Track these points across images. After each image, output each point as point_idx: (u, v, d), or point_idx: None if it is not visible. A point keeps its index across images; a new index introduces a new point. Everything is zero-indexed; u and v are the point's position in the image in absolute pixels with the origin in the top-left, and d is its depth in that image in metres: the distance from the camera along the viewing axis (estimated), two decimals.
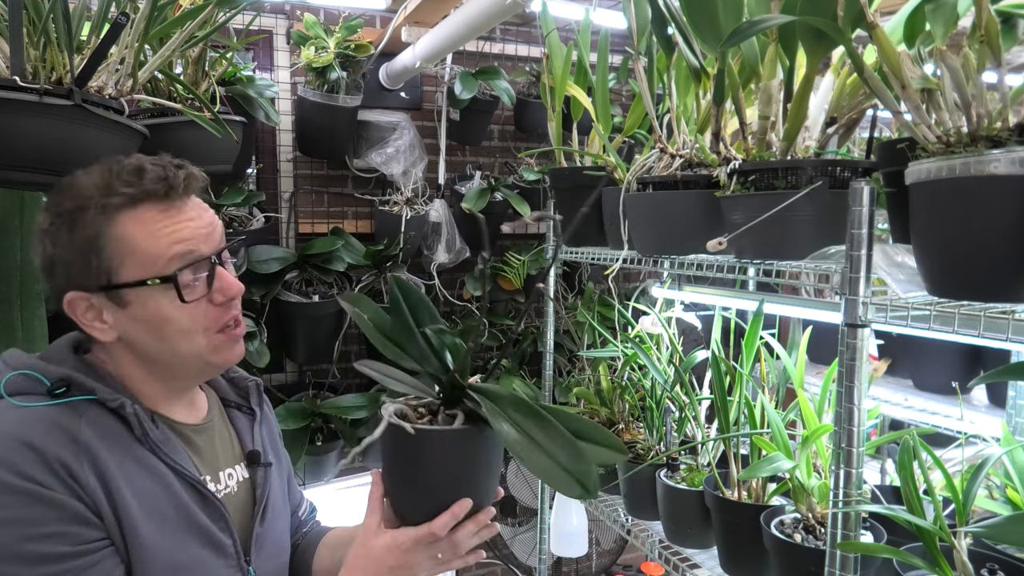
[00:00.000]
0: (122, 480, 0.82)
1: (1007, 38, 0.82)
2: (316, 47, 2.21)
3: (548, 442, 0.72)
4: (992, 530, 0.83)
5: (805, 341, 1.33)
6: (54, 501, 0.78)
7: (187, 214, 0.88)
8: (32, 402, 0.83)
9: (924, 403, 1.58)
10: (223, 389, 1.08)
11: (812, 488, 1.16)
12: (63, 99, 0.98)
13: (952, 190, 0.78)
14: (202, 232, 0.88)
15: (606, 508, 1.65)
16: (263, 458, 1.02)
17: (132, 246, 0.84)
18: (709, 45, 1.12)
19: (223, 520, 0.91)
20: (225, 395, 1.08)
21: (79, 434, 0.81)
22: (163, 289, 0.85)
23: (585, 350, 1.91)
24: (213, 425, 1.00)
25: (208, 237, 0.89)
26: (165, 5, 1.18)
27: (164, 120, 1.61)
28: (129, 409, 0.86)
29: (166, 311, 0.86)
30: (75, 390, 0.85)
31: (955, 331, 0.83)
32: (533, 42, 2.75)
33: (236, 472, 1.00)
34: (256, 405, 1.08)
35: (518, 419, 0.75)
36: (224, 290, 0.89)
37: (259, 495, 1.00)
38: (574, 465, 0.70)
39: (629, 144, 1.91)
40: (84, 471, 0.80)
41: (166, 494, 0.86)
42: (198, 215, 0.89)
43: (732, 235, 1.09)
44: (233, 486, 0.98)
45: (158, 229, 0.85)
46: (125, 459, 0.84)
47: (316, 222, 2.53)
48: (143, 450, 0.86)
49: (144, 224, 0.84)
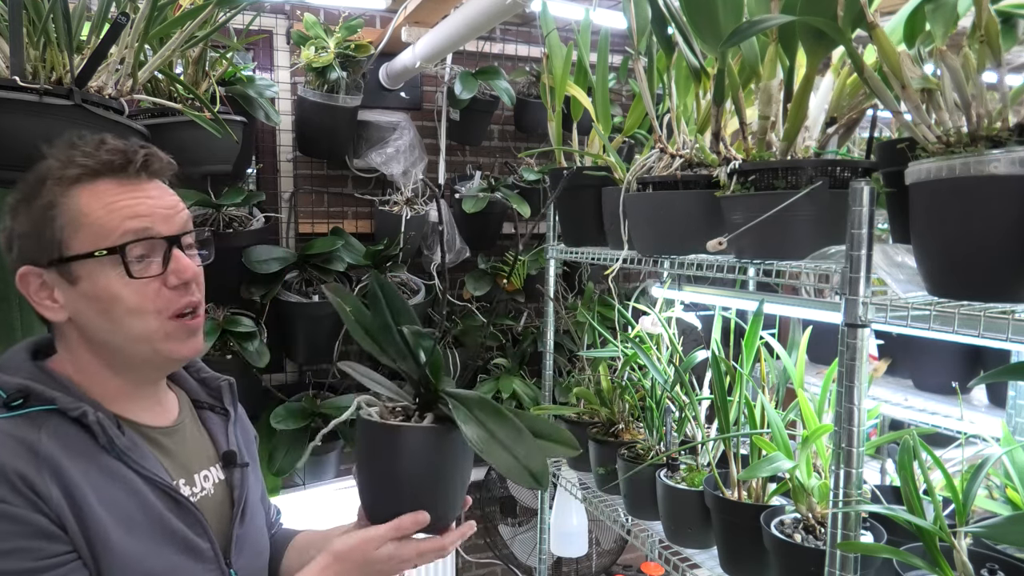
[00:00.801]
0: (88, 490, 0.79)
1: (1007, 38, 0.82)
2: (316, 47, 2.21)
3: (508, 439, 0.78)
4: (992, 530, 0.83)
5: (805, 341, 1.33)
6: (15, 516, 0.75)
7: (147, 192, 0.86)
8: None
9: (924, 403, 1.58)
10: (194, 390, 1.05)
11: (812, 488, 1.16)
12: (63, 99, 0.98)
13: (952, 190, 0.78)
14: (160, 211, 0.86)
15: (606, 508, 1.65)
16: (239, 458, 1.00)
17: (85, 219, 0.82)
18: (709, 45, 1.12)
19: (199, 524, 0.89)
20: (196, 396, 1.04)
21: (39, 446, 0.78)
22: (112, 263, 0.82)
23: (585, 350, 1.91)
24: (184, 427, 0.97)
25: (168, 219, 0.86)
26: (165, 5, 1.18)
27: (164, 120, 1.62)
28: (92, 417, 0.82)
29: (115, 287, 0.83)
30: (33, 400, 0.82)
31: (955, 331, 0.83)
32: (533, 42, 2.75)
33: (212, 474, 0.97)
34: (230, 405, 1.05)
35: (482, 418, 0.79)
36: (179, 272, 0.86)
37: (237, 496, 0.97)
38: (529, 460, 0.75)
39: (629, 144, 1.90)
40: (46, 484, 0.77)
41: (136, 502, 0.83)
42: (159, 195, 0.87)
43: (732, 235, 1.09)
44: (209, 488, 0.95)
45: (113, 202, 0.83)
46: (90, 469, 0.81)
47: (316, 222, 2.53)
48: (109, 458, 0.83)
49: (99, 197, 0.83)
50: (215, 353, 2.13)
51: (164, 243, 0.85)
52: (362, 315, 0.88)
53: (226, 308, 2.20)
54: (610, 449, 1.62)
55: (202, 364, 1.09)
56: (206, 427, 1.02)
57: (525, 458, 0.76)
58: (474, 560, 2.87)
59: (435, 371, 0.84)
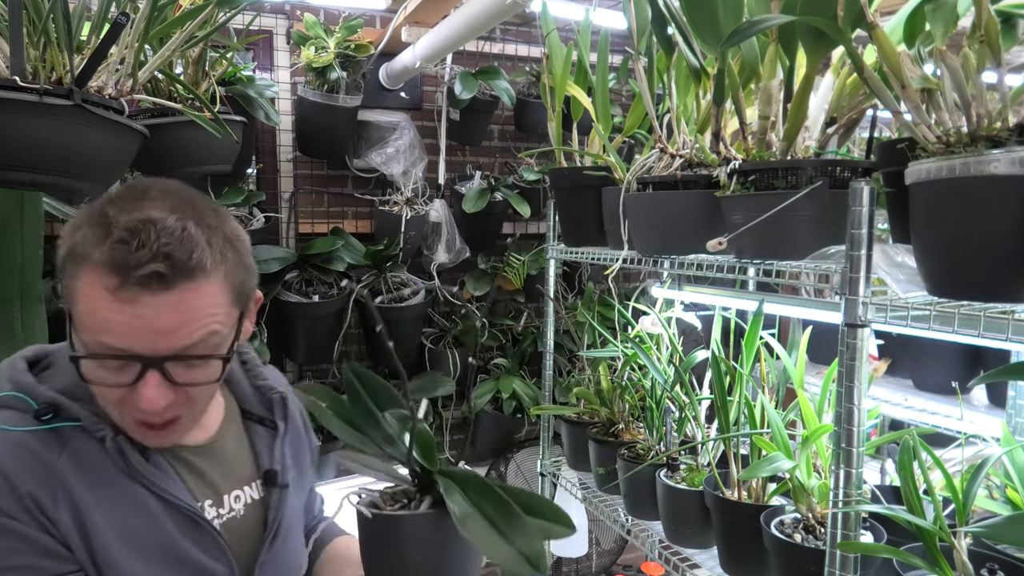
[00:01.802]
0: (98, 514, 0.78)
1: (1007, 38, 0.82)
2: (316, 47, 2.21)
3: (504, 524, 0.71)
4: (992, 530, 0.83)
5: (805, 341, 1.33)
6: (23, 535, 0.75)
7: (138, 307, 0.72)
8: (17, 425, 0.79)
9: (924, 403, 1.58)
10: (246, 397, 0.99)
11: (812, 488, 1.16)
12: (63, 99, 0.98)
13: (952, 190, 0.78)
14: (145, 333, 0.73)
15: (606, 508, 1.65)
16: (280, 478, 0.94)
17: (79, 302, 0.74)
18: (709, 45, 1.12)
19: (218, 548, 0.86)
20: (247, 405, 0.99)
21: (56, 466, 0.77)
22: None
23: (585, 350, 1.91)
24: (223, 442, 0.93)
25: (154, 340, 0.74)
26: (165, 5, 1.18)
27: (164, 120, 1.62)
28: (109, 443, 0.80)
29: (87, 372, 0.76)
30: (62, 416, 0.80)
31: (955, 331, 0.83)
32: (533, 42, 2.75)
33: (245, 493, 0.93)
34: (280, 419, 0.99)
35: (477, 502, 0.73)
36: (139, 401, 0.75)
37: (271, 518, 0.93)
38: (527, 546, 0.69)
39: (629, 144, 1.91)
40: (56, 507, 0.76)
41: (148, 526, 0.81)
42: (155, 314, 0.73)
43: (732, 235, 1.09)
44: (239, 509, 0.92)
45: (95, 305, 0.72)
46: (106, 492, 0.79)
47: (316, 222, 2.53)
48: (128, 481, 0.81)
49: (90, 289, 0.73)
50: None
51: (139, 364, 0.74)
52: (340, 407, 0.80)
53: None
54: (610, 449, 1.62)
55: (261, 368, 1.03)
56: (251, 440, 0.97)
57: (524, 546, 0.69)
58: None
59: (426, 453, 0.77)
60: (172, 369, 0.76)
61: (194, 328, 0.76)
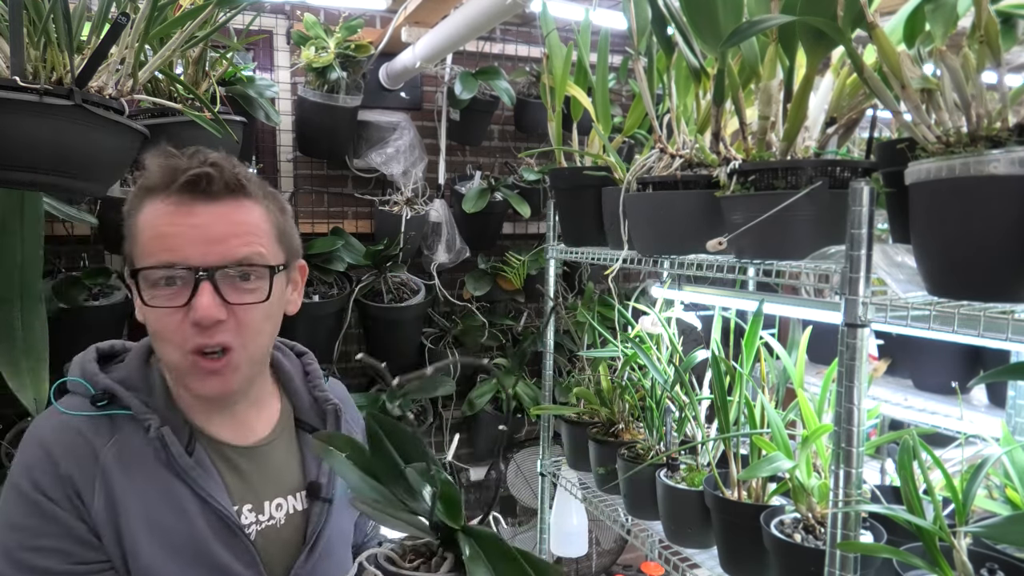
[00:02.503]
0: (135, 507, 0.80)
1: (1007, 38, 0.82)
2: (316, 47, 2.21)
3: None
4: (992, 530, 0.83)
5: (805, 341, 1.33)
6: (57, 518, 0.78)
7: (192, 215, 0.80)
8: (75, 410, 0.84)
9: (924, 403, 1.58)
10: (303, 406, 1.00)
11: (812, 488, 1.16)
12: (63, 99, 0.98)
13: (952, 190, 0.78)
14: (196, 239, 0.79)
15: (606, 508, 1.65)
16: (324, 491, 0.94)
17: (139, 236, 0.81)
18: (709, 45, 1.12)
19: (248, 554, 0.85)
20: (302, 414, 0.99)
21: (100, 452, 0.80)
22: (142, 285, 0.81)
23: (585, 350, 1.91)
24: (272, 447, 0.93)
25: (205, 248, 0.80)
26: (165, 5, 1.18)
27: (164, 120, 1.61)
28: (153, 432, 0.83)
29: (143, 310, 0.82)
30: (117, 403, 0.84)
31: (955, 331, 0.83)
32: (533, 42, 2.75)
33: (288, 503, 0.92)
34: (332, 430, 0.99)
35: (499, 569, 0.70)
36: (194, 310, 0.79)
37: (311, 531, 0.92)
38: None
39: (629, 144, 1.90)
40: (93, 494, 0.79)
41: (182, 525, 0.82)
42: (208, 221, 0.80)
43: (732, 235, 1.09)
44: (280, 518, 0.91)
45: (154, 224, 0.80)
46: (146, 485, 0.81)
47: (316, 222, 2.53)
48: (169, 476, 0.83)
49: (150, 215, 0.81)
50: None
51: (190, 274, 0.79)
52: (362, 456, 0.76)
53: None
54: (610, 449, 1.62)
55: (322, 380, 1.05)
56: (301, 450, 0.97)
57: None
58: None
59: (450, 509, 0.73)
60: (222, 284, 0.80)
61: (241, 242, 0.81)
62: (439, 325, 2.66)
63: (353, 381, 2.65)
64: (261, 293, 0.83)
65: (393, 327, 2.41)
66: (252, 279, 0.83)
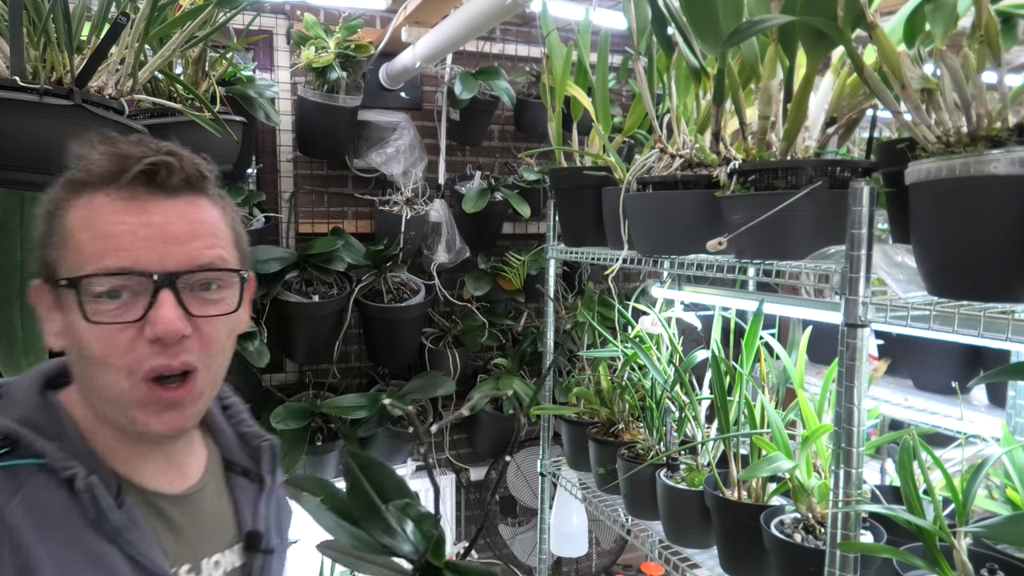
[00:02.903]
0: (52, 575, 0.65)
1: (1007, 38, 0.82)
2: (316, 47, 2.21)
3: None
4: (992, 530, 0.83)
5: (805, 341, 1.33)
6: None
7: (146, 212, 0.67)
8: None
9: (924, 403, 1.58)
10: (229, 446, 0.86)
11: (812, 488, 1.16)
12: (63, 99, 0.98)
13: (952, 190, 0.78)
14: (153, 240, 0.66)
15: (606, 508, 1.65)
16: (264, 542, 0.82)
17: (70, 239, 0.67)
18: (709, 45, 1.12)
19: None
20: (230, 454, 0.86)
21: (5, 513, 0.64)
22: (75, 296, 0.65)
23: (585, 350, 1.91)
24: (204, 494, 0.79)
25: (165, 251, 0.67)
26: (165, 5, 1.18)
27: (164, 120, 1.62)
28: (81, 483, 0.66)
29: (80, 329, 0.66)
30: (21, 451, 0.67)
31: (955, 331, 0.83)
32: (533, 42, 2.75)
33: (225, 559, 0.79)
34: (267, 472, 0.86)
35: None
36: (154, 322, 0.65)
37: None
38: None
39: (629, 144, 1.91)
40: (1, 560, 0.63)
41: None
42: (167, 220, 0.67)
43: (732, 235, 1.09)
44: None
45: (97, 222, 0.66)
46: (65, 549, 0.65)
47: (316, 222, 2.53)
48: (95, 537, 0.67)
49: (87, 214, 0.67)
50: None
51: (150, 282, 0.66)
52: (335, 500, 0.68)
53: None
54: (610, 449, 1.62)
55: (247, 414, 0.91)
56: (233, 496, 0.83)
57: None
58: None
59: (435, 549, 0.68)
60: (185, 295, 0.68)
61: (204, 244, 0.69)
62: (439, 325, 2.66)
63: (353, 381, 2.65)
64: (227, 304, 0.72)
65: (393, 327, 2.41)
66: (214, 288, 0.71)
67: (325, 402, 2.32)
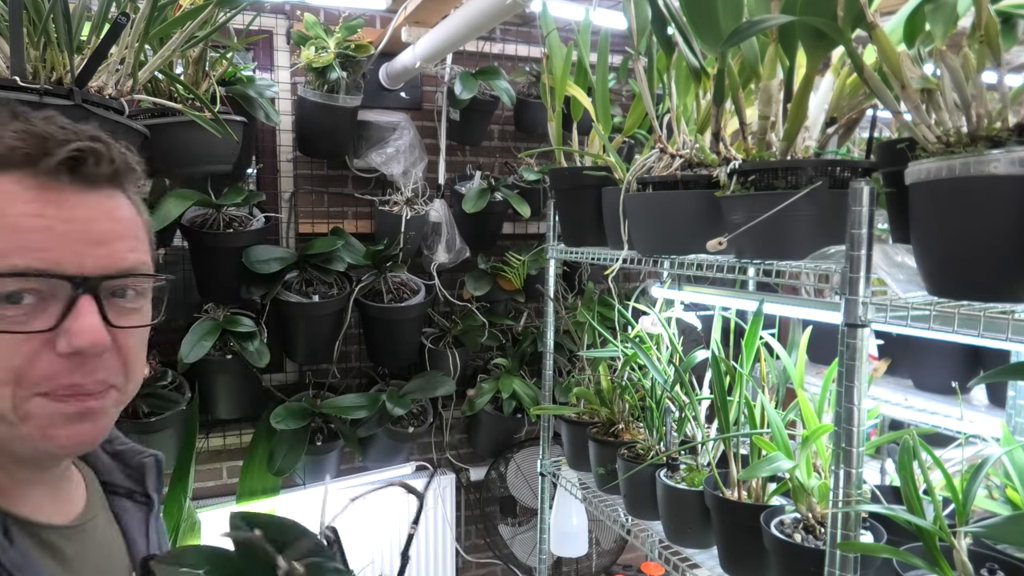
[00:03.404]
0: None
1: (1007, 38, 0.82)
2: (316, 47, 2.21)
3: None
4: (992, 530, 0.83)
5: (805, 341, 1.33)
6: None
7: (67, 206, 0.58)
8: None
9: (924, 403, 1.58)
10: (105, 469, 0.76)
11: (812, 488, 1.16)
12: (63, 99, 0.98)
13: (952, 190, 0.79)
14: (74, 239, 0.58)
15: (606, 508, 1.65)
16: None
17: None
18: (709, 45, 1.12)
19: None
20: (108, 477, 0.76)
21: None
22: None
23: (585, 350, 1.91)
24: (94, 523, 0.70)
25: (85, 252, 0.58)
26: (165, 5, 1.18)
27: (164, 120, 1.62)
28: None
29: None
30: None
31: (955, 331, 0.83)
32: (533, 42, 2.75)
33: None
34: (154, 491, 0.78)
35: None
36: (72, 334, 0.57)
37: None
38: None
39: (629, 144, 1.91)
40: None
41: None
42: (87, 216, 0.59)
43: (732, 235, 1.09)
44: None
45: (7, 209, 0.56)
46: None
47: (316, 222, 2.53)
48: None
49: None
50: (215, 353, 2.14)
51: (67, 287, 0.57)
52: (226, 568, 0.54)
53: (226, 308, 2.21)
54: (610, 449, 1.62)
55: (116, 431, 0.78)
56: (119, 521, 0.75)
57: None
58: (474, 560, 2.87)
59: None
60: (107, 303, 0.60)
61: (127, 246, 0.62)
62: (439, 325, 2.66)
63: (353, 381, 2.65)
64: (144, 314, 0.65)
65: (393, 327, 2.41)
66: (130, 296, 0.63)
67: (325, 402, 2.32)
